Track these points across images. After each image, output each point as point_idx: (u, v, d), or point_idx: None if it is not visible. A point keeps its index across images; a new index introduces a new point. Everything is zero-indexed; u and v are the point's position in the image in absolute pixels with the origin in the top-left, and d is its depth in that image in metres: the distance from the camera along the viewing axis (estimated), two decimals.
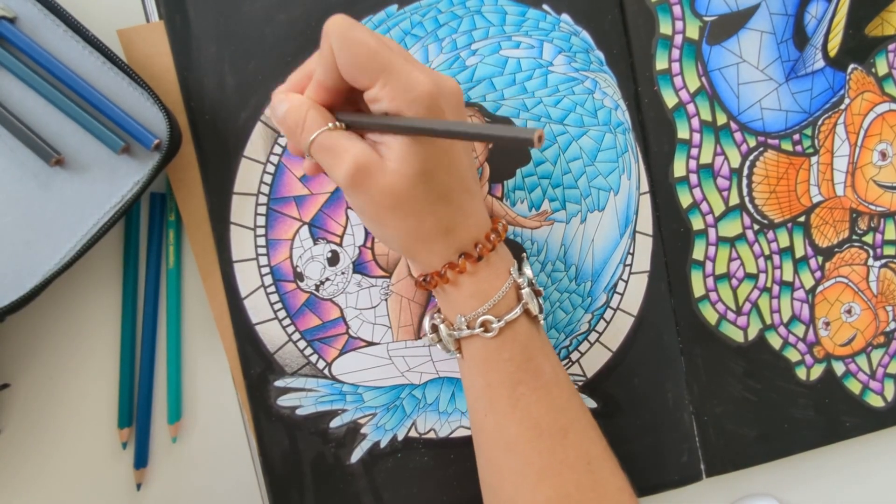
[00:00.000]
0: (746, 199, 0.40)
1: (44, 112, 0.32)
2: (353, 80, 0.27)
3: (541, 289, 0.33)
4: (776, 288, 0.40)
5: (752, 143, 0.39)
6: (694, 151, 0.39)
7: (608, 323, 0.38)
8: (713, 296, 0.39)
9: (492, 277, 0.30)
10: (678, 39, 0.38)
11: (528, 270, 0.32)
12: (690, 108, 0.39)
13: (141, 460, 0.36)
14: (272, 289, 0.36)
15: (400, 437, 0.37)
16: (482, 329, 0.30)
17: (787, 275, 0.40)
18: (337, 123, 0.28)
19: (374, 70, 0.26)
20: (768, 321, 0.40)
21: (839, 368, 0.41)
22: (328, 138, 0.28)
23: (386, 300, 0.37)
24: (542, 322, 0.32)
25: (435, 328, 0.32)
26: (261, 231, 0.36)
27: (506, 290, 0.30)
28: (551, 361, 0.31)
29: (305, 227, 0.36)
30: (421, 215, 0.28)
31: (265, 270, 0.36)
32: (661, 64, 0.38)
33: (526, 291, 0.31)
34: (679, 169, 0.39)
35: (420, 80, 0.26)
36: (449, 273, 0.29)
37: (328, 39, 0.27)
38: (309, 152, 0.28)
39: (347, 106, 0.30)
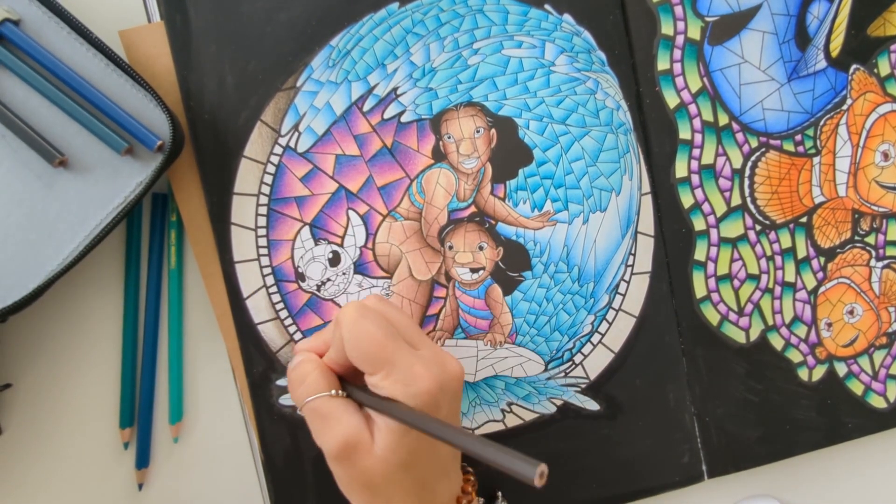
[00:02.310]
0: (748, 199, 0.39)
1: (47, 113, 0.32)
2: (358, 367, 0.29)
3: None
4: (778, 289, 0.40)
5: (754, 143, 0.39)
6: (695, 152, 0.39)
7: (610, 324, 0.38)
8: (715, 296, 0.39)
9: None
10: (680, 40, 0.38)
11: None
12: (692, 108, 0.38)
13: (143, 460, 0.36)
14: (274, 289, 0.36)
15: None
16: None
17: (789, 275, 0.40)
18: (340, 392, 0.29)
19: (378, 362, 0.28)
20: (770, 322, 0.40)
21: (841, 369, 0.41)
22: (326, 404, 0.29)
23: None
24: None
25: None
26: (262, 232, 0.36)
27: None
28: None
29: (306, 228, 0.36)
30: (389, 499, 0.29)
31: (267, 271, 0.36)
32: (662, 64, 0.38)
33: None
34: (681, 169, 0.39)
35: (421, 375, 0.27)
36: None
37: (339, 328, 0.29)
38: (301, 409, 0.29)
39: (358, 378, 0.30)
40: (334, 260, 0.36)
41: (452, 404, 0.30)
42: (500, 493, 0.34)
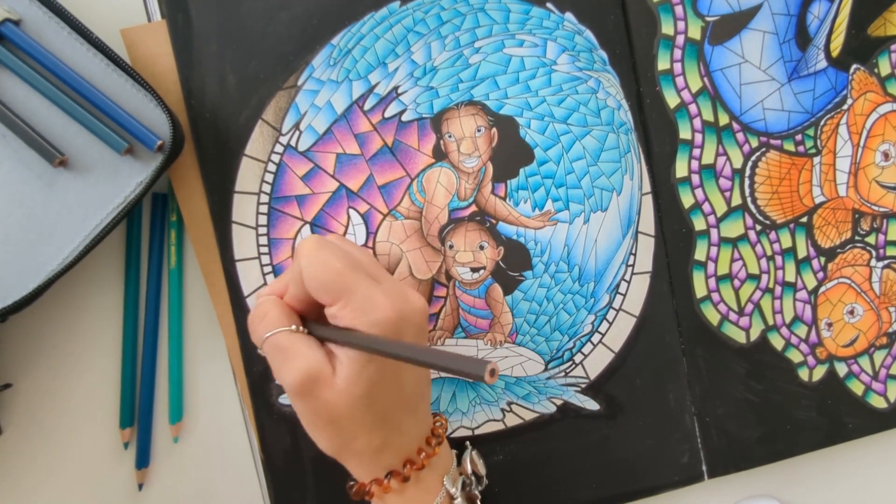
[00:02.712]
0: (748, 199, 0.40)
1: (48, 113, 0.32)
2: (317, 298, 0.28)
3: (476, 493, 0.33)
4: (778, 289, 0.40)
5: (755, 143, 0.39)
6: (696, 152, 0.39)
7: (610, 324, 0.38)
8: (715, 296, 0.39)
9: (420, 494, 0.30)
10: (680, 40, 0.38)
11: (467, 465, 0.32)
12: (692, 108, 0.38)
13: (143, 460, 0.36)
14: None
15: None
16: None
17: (790, 275, 0.40)
18: (300, 328, 0.29)
19: (337, 291, 0.27)
20: (770, 322, 0.40)
21: (842, 369, 0.41)
22: (286, 339, 0.28)
23: None
24: None
25: None
26: (262, 230, 0.36)
27: None
28: None
29: (307, 227, 0.36)
30: (354, 434, 0.28)
31: (267, 269, 0.36)
32: (662, 64, 0.38)
33: (458, 503, 0.30)
34: (681, 169, 0.39)
35: (381, 304, 0.27)
36: (375, 489, 0.29)
37: (297, 259, 0.28)
38: (262, 347, 0.29)
39: (320, 318, 0.30)
40: None
41: (417, 338, 0.29)
42: (468, 443, 0.33)
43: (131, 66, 0.32)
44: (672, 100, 0.38)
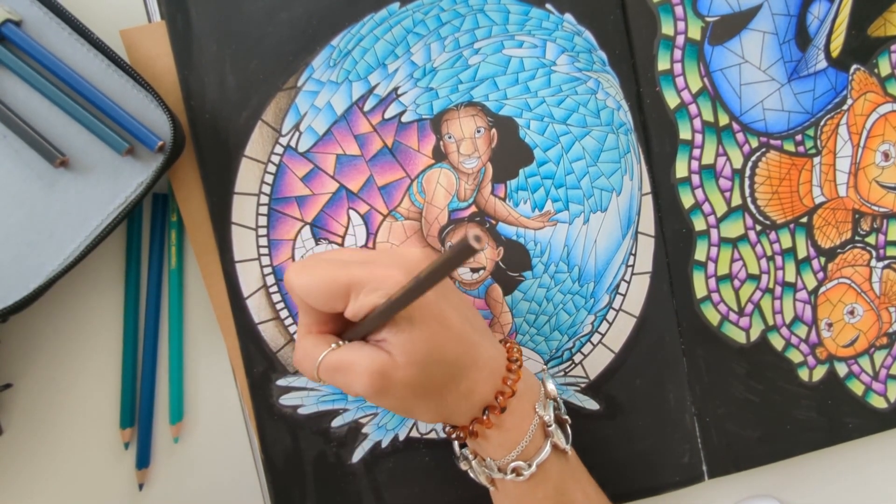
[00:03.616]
0: (748, 199, 0.39)
1: (49, 114, 0.32)
2: (331, 310, 0.29)
3: (566, 416, 0.33)
4: (778, 289, 0.40)
5: (755, 143, 0.39)
6: (696, 152, 0.39)
7: (610, 324, 0.38)
8: (715, 297, 0.39)
9: (517, 422, 0.30)
10: (680, 40, 0.38)
11: (551, 387, 0.32)
12: (692, 108, 0.38)
13: (143, 460, 0.37)
14: (274, 288, 0.36)
15: (401, 437, 0.37)
16: (514, 474, 0.30)
17: (790, 276, 0.40)
18: (340, 343, 0.29)
19: (341, 291, 0.28)
20: (770, 322, 0.40)
21: (842, 370, 0.41)
22: (333, 358, 0.28)
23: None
24: (568, 451, 0.32)
25: (466, 458, 0.33)
26: (262, 231, 0.36)
27: (532, 433, 0.30)
28: (584, 490, 0.32)
29: (307, 228, 0.36)
30: (442, 391, 0.29)
31: (267, 270, 0.36)
32: (662, 64, 0.38)
33: (552, 428, 0.31)
34: (681, 170, 0.39)
35: (386, 274, 0.27)
36: (477, 427, 0.30)
37: (292, 292, 0.29)
38: (321, 378, 0.29)
39: (352, 324, 0.30)
40: None
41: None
42: (544, 368, 0.33)
43: (132, 67, 0.32)
44: (672, 100, 0.38)
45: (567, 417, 0.33)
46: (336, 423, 0.37)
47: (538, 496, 0.31)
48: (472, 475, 0.33)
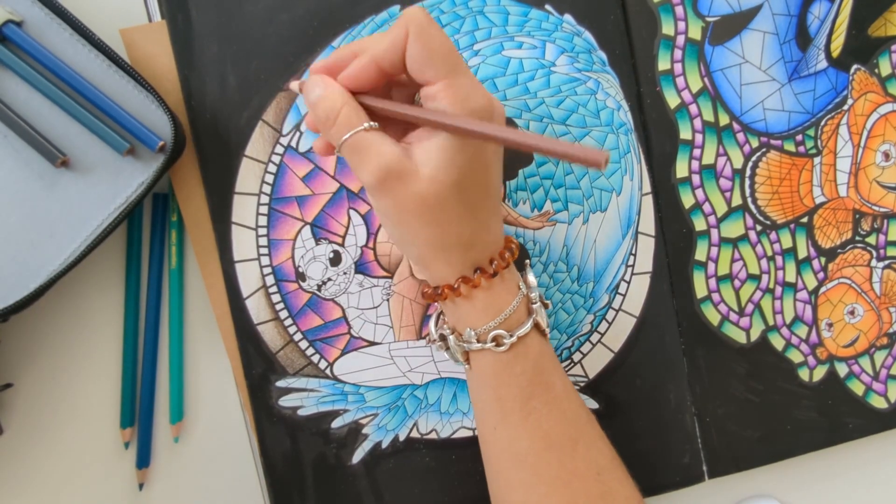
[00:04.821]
0: (749, 199, 0.39)
1: (49, 114, 0.32)
2: (417, 72, 0.27)
3: (548, 301, 0.33)
4: (779, 289, 0.40)
5: (755, 143, 0.39)
6: (696, 152, 0.39)
7: (610, 324, 0.38)
8: (715, 297, 0.39)
9: (503, 292, 0.30)
10: (680, 40, 0.38)
11: (531, 279, 0.32)
12: (693, 108, 0.38)
13: (143, 460, 0.37)
14: (274, 289, 0.36)
15: (401, 438, 0.37)
16: (493, 344, 0.30)
17: (790, 276, 0.40)
18: (372, 124, 0.28)
19: (446, 68, 0.26)
20: (771, 322, 0.40)
21: (842, 370, 0.41)
22: (362, 140, 0.27)
23: (388, 300, 0.37)
24: (548, 334, 0.32)
25: (443, 337, 0.32)
26: (262, 231, 0.36)
27: (516, 305, 0.30)
28: (560, 373, 0.31)
29: (307, 227, 0.36)
30: (446, 226, 0.28)
31: (267, 270, 0.36)
32: (663, 64, 0.38)
33: (536, 306, 0.31)
34: (681, 170, 0.39)
35: (482, 94, 0.27)
36: (463, 287, 0.30)
37: (406, 26, 0.26)
38: (339, 149, 0.28)
39: (377, 95, 0.29)
40: (335, 259, 0.36)
41: None
42: (527, 263, 0.33)
43: (133, 67, 0.32)
44: (672, 100, 0.38)
45: (548, 302, 0.32)
46: (336, 423, 0.37)
47: (516, 371, 0.30)
48: (447, 355, 0.32)
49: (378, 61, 0.27)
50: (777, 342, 0.40)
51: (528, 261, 0.37)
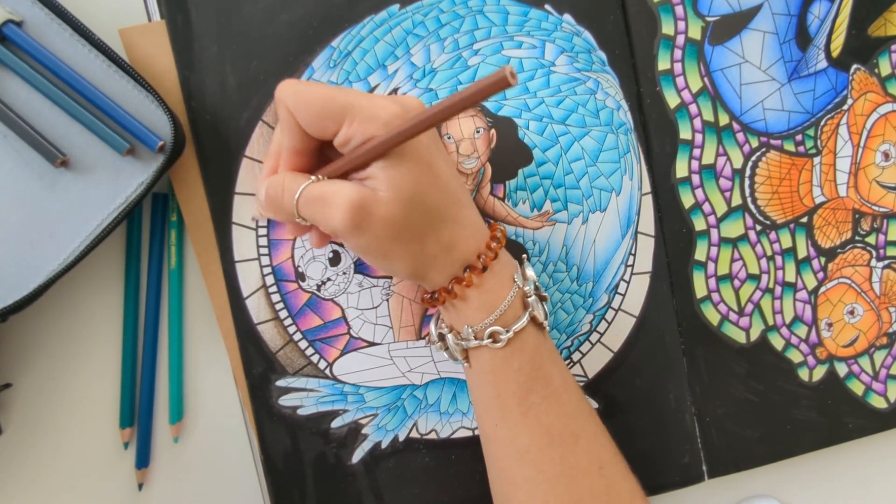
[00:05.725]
0: (749, 199, 0.39)
1: (49, 114, 0.32)
2: (320, 132, 0.28)
3: (545, 294, 0.33)
4: (778, 289, 0.40)
5: (755, 143, 0.39)
6: (696, 152, 0.39)
7: (609, 323, 0.38)
8: (715, 296, 0.39)
9: (497, 287, 0.30)
10: (680, 40, 0.38)
11: (530, 272, 0.32)
12: (693, 108, 0.38)
13: (143, 460, 0.37)
14: (274, 289, 0.36)
15: (401, 438, 0.37)
16: (490, 340, 0.30)
17: (790, 276, 0.40)
18: (319, 176, 0.29)
19: (337, 112, 0.27)
20: (770, 322, 0.40)
21: (842, 370, 0.41)
22: (313, 190, 0.28)
23: (387, 300, 0.37)
24: (546, 327, 0.32)
25: (442, 337, 0.32)
26: (262, 231, 0.36)
27: (511, 299, 0.30)
28: (559, 367, 0.31)
29: None
30: (423, 237, 0.28)
31: (267, 270, 0.36)
32: (663, 64, 0.38)
33: (532, 299, 0.31)
34: (681, 170, 0.39)
35: (384, 104, 0.27)
36: (456, 288, 0.30)
37: (283, 103, 0.28)
38: (298, 212, 0.28)
39: (322, 166, 0.30)
40: (335, 259, 0.36)
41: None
42: (524, 256, 0.33)
43: (132, 67, 0.32)
44: (672, 100, 0.38)
45: (546, 295, 0.32)
46: (336, 423, 0.37)
47: (514, 366, 0.30)
48: (447, 354, 0.32)
49: (291, 147, 0.29)
50: (777, 342, 0.40)
51: (525, 255, 0.37)
